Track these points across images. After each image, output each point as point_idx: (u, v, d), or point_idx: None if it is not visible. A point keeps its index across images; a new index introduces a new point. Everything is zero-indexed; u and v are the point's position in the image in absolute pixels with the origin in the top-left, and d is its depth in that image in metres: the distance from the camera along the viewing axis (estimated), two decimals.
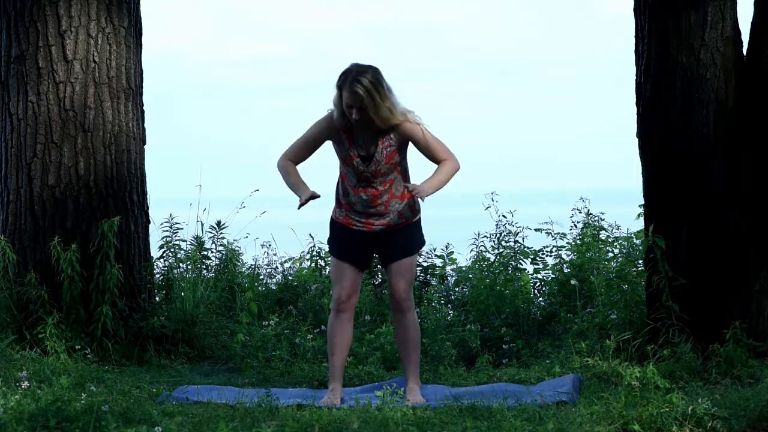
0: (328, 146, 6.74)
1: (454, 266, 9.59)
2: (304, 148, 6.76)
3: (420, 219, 6.86)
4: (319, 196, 6.61)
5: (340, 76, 6.53)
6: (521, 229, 9.52)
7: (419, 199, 6.67)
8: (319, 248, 9.78)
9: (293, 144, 6.78)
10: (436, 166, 6.67)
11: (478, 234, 9.56)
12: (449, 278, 9.57)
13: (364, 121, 6.53)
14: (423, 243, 6.94)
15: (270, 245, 10.15)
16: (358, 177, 6.66)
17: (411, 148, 6.71)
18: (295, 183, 6.71)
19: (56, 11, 8.26)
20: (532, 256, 9.41)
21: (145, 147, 8.63)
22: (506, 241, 9.45)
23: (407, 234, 6.80)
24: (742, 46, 7.48)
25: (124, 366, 7.97)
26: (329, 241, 6.93)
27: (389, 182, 6.68)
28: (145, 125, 8.65)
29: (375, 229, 6.73)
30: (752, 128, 7.36)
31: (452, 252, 9.78)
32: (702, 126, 7.38)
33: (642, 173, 7.64)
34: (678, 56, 7.39)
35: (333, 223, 6.86)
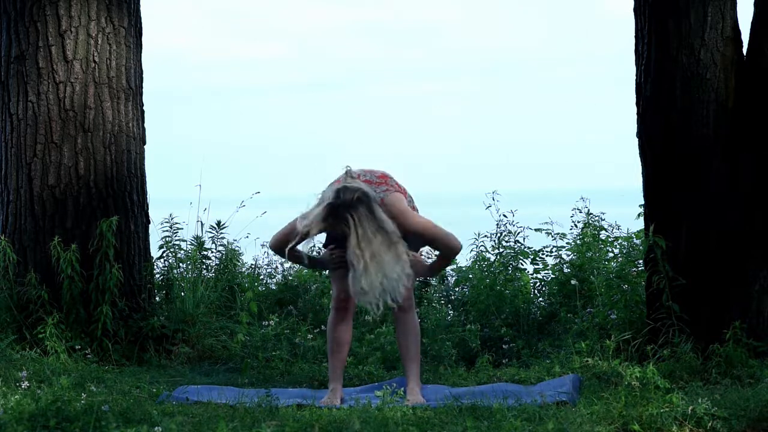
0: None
1: (454, 266, 9.58)
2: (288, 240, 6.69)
3: None
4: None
5: (329, 208, 6.39)
6: (521, 229, 9.51)
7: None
8: (320, 248, 9.76)
9: (281, 230, 6.75)
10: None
11: (478, 234, 9.55)
12: (449, 278, 9.57)
13: None
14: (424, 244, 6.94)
15: None
16: None
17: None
18: (306, 259, 6.82)
19: (56, 11, 8.27)
20: (532, 256, 9.40)
21: (145, 147, 8.63)
22: (506, 241, 9.45)
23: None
24: (742, 46, 7.48)
25: (124, 366, 7.97)
26: (327, 243, 6.93)
27: None
28: (145, 125, 8.66)
29: None
30: (752, 128, 7.36)
31: None
32: (702, 126, 7.38)
33: (642, 173, 7.64)
34: (678, 56, 7.40)
35: None
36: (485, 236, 9.54)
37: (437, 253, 6.85)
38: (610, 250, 9.12)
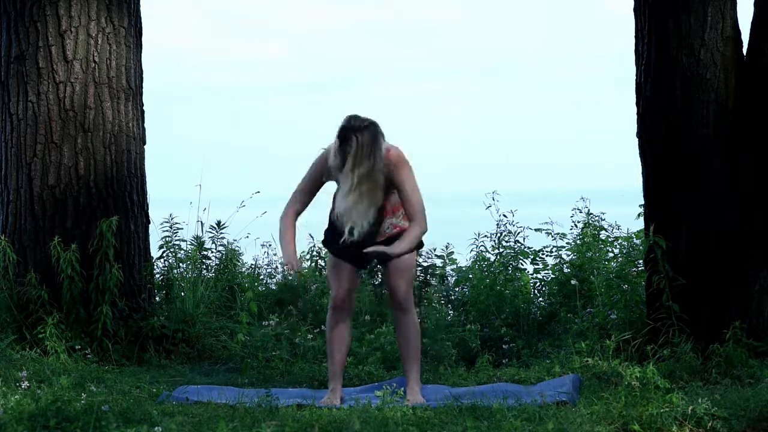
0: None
1: (454, 266, 9.58)
2: (306, 193, 6.82)
3: None
4: (301, 272, 6.70)
5: (340, 130, 6.55)
6: (521, 229, 9.52)
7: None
8: (319, 248, 9.78)
9: (295, 191, 6.82)
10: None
11: (478, 234, 9.56)
12: (449, 278, 9.57)
13: None
14: (422, 244, 6.93)
15: (270, 245, 10.15)
16: None
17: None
18: (285, 242, 6.77)
19: (56, 11, 8.26)
20: (532, 256, 9.40)
21: (145, 147, 8.63)
22: (506, 241, 9.45)
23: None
24: (742, 46, 7.48)
25: (124, 366, 7.97)
26: (326, 241, 6.91)
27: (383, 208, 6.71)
28: (145, 125, 8.66)
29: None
30: (752, 128, 7.36)
31: (452, 252, 9.77)
32: (702, 126, 7.38)
33: (642, 173, 7.64)
34: (678, 56, 7.40)
35: (332, 222, 6.86)
36: (485, 236, 9.55)
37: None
38: (610, 250, 9.13)
